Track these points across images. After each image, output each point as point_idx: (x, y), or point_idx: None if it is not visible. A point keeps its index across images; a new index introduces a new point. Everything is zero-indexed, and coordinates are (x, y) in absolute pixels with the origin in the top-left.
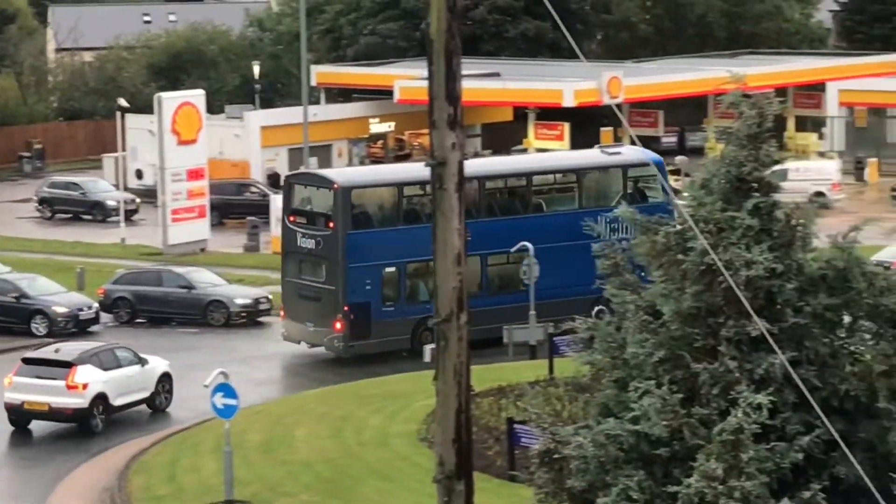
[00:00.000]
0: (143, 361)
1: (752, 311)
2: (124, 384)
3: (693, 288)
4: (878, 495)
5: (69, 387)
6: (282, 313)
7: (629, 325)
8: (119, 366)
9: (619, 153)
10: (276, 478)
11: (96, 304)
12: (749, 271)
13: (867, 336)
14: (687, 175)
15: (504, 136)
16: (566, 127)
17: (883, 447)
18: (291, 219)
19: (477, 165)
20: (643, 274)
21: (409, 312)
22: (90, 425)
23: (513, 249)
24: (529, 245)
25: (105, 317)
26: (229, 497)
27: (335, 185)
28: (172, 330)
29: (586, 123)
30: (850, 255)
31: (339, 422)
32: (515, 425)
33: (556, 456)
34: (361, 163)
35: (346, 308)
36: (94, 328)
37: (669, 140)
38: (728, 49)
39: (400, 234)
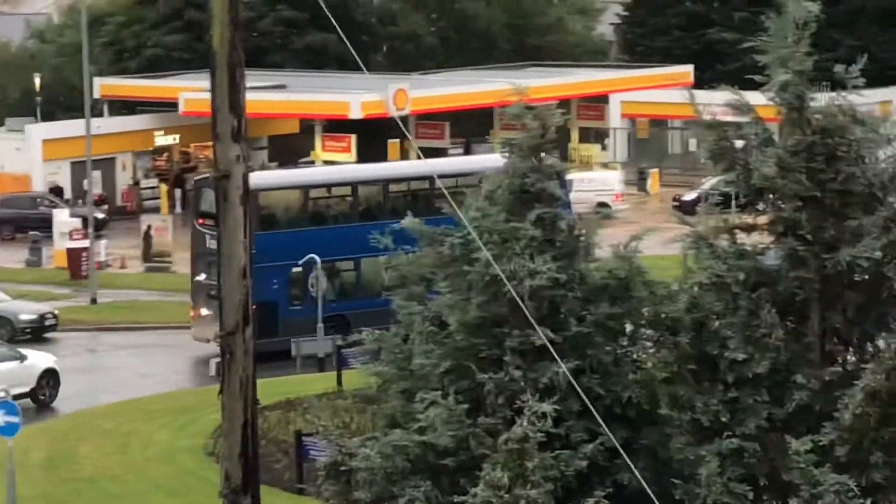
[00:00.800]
0: (22, 357)
1: (533, 322)
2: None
3: (478, 298)
4: (656, 502)
5: None
6: (192, 313)
7: (416, 337)
8: None
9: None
10: (60, 495)
11: None
12: (533, 281)
13: (648, 344)
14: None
15: (291, 149)
16: (353, 139)
17: (664, 453)
18: (200, 221)
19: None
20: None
21: (315, 311)
22: None
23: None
24: (316, 257)
25: None
26: None
27: None
28: None
29: (374, 135)
30: (631, 265)
31: (126, 437)
32: (303, 438)
33: (343, 468)
34: (146, 176)
35: (254, 307)
36: None
37: (456, 152)
38: (513, 61)
39: (306, 234)
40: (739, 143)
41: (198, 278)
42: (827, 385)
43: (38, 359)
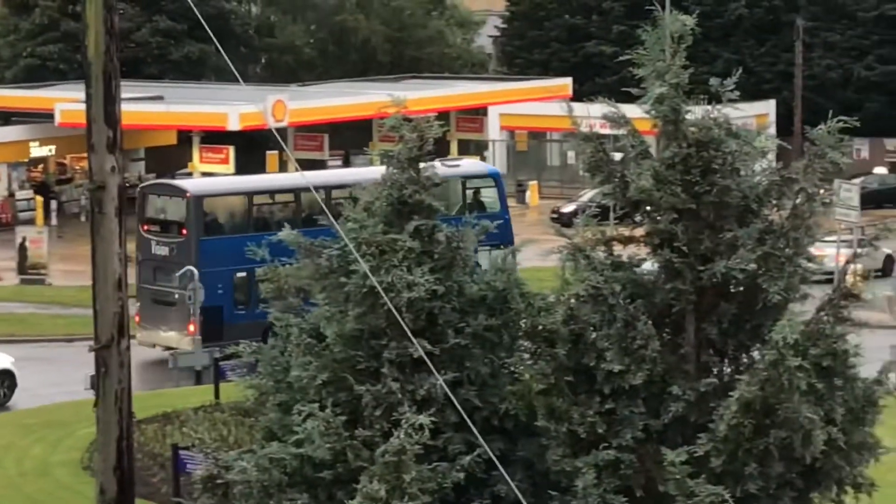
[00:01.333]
0: None
1: (410, 334)
2: None
3: (356, 310)
4: None
5: None
6: (136, 318)
7: (293, 349)
8: None
9: (458, 165)
10: None
11: None
12: (411, 293)
13: (526, 356)
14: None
15: (168, 160)
16: (231, 150)
17: (541, 465)
18: (145, 227)
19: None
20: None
21: (260, 316)
22: None
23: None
24: (194, 269)
25: None
26: None
27: (187, 194)
28: None
29: (252, 147)
30: (509, 277)
31: (0, 452)
32: (180, 451)
33: (219, 481)
34: (21, 187)
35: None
36: None
37: (335, 163)
38: (392, 73)
39: (250, 240)
40: (617, 156)
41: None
42: (702, 396)
43: None
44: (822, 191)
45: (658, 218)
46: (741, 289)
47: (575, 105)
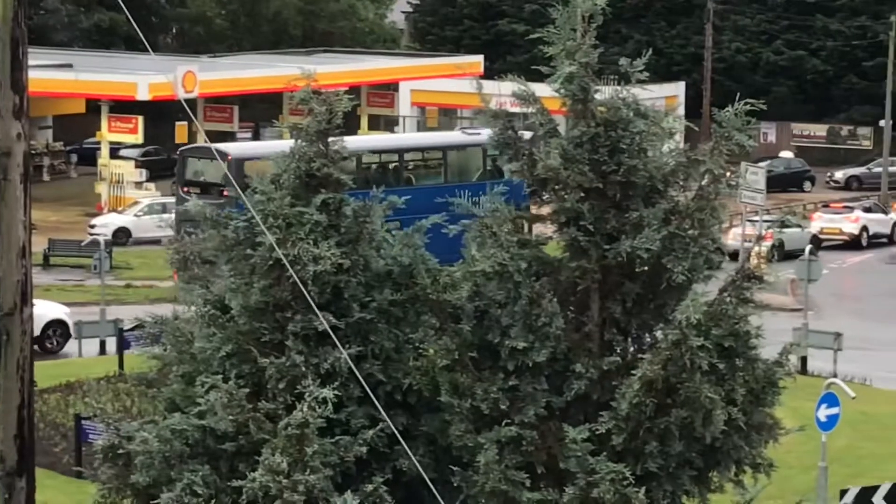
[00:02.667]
0: None
1: (315, 307)
2: None
3: (261, 283)
4: (433, 488)
5: None
6: (174, 276)
7: (197, 320)
8: None
9: (478, 134)
10: None
11: None
12: (316, 266)
13: (431, 331)
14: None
15: (77, 129)
16: (140, 120)
17: (444, 440)
18: (185, 189)
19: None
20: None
21: None
22: None
23: None
24: (100, 239)
25: None
26: None
27: (229, 157)
28: None
29: (162, 117)
30: (415, 252)
31: None
32: (83, 421)
33: (120, 451)
34: None
35: None
36: None
37: (244, 136)
38: (304, 47)
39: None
40: (527, 134)
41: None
42: (605, 374)
43: (45, 308)
44: (728, 173)
45: (565, 196)
46: (646, 268)
47: (485, 82)
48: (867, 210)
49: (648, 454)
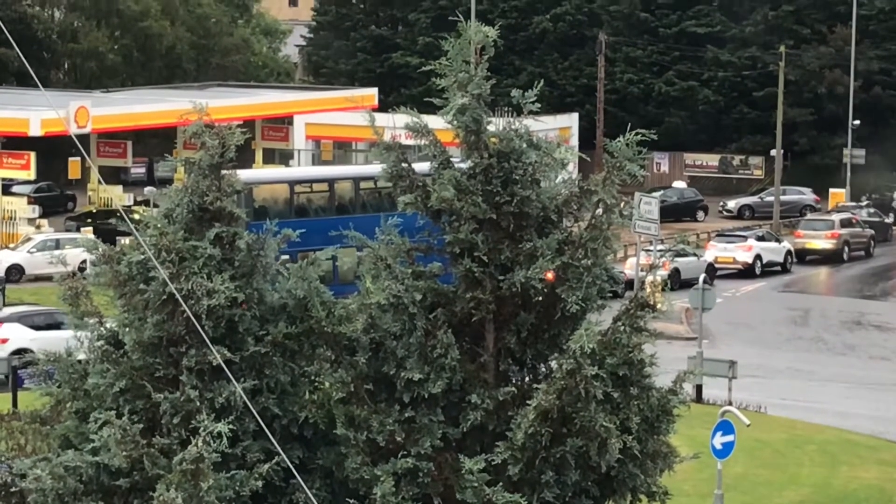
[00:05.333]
0: None
1: (209, 342)
2: None
3: (155, 317)
4: None
5: None
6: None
7: (90, 356)
8: None
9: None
10: None
11: None
12: (210, 300)
13: (326, 364)
14: (156, 206)
15: None
16: (32, 156)
17: (340, 473)
18: None
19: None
20: None
21: None
22: None
23: None
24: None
25: None
26: None
27: None
28: None
29: (55, 153)
30: (310, 285)
31: None
32: None
33: (13, 489)
34: None
35: None
36: None
37: (138, 171)
38: (197, 81)
39: (291, 225)
40: (425, 166)
41: None
42: (500, 405)
43: None
44: (621, 203)
45: (459, 228)
46: (540, 298)
47: (379, 115)
48: (760, 239)
49: (545, 484)
